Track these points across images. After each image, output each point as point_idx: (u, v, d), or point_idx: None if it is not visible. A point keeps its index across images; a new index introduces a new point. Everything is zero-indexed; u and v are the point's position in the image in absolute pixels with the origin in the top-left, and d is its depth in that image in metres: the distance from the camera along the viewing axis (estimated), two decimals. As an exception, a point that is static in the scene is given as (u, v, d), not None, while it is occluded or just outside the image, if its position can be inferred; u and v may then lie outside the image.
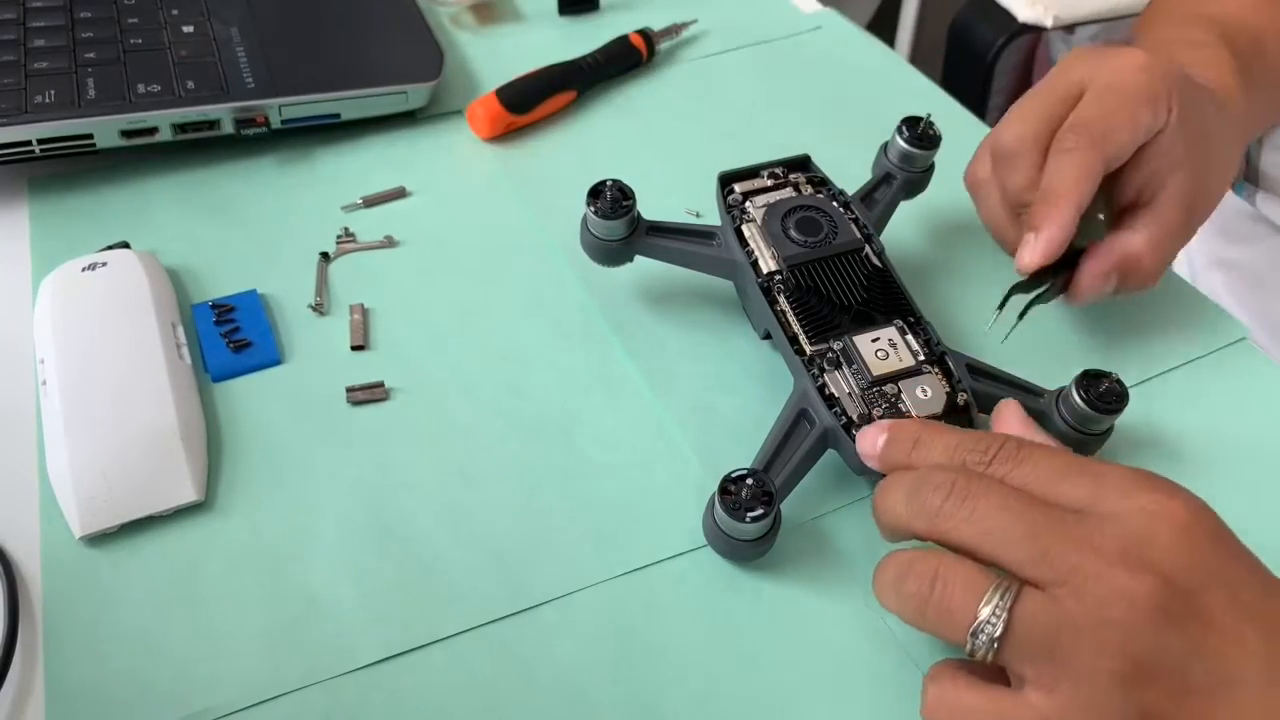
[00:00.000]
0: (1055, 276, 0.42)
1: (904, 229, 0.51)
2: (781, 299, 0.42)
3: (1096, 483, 0.29)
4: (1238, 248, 0.72)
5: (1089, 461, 0.31)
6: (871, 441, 0.35)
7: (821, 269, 0.43)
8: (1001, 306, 0.40)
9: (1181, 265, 0.75)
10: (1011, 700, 0.28)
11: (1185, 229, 0.43)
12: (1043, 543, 0.28)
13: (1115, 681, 0.27)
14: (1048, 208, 0.39)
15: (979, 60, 0.90)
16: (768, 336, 0.45)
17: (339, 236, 0.50)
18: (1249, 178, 0.70)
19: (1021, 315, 0.40)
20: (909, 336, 0.41)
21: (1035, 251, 0.40)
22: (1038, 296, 0.41)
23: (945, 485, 0.30)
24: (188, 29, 0.56)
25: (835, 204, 0.45)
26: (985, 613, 0.28)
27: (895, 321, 0.42)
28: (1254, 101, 0.49)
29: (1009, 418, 0.37)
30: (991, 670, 0.29)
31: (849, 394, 0.39)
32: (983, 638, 0.28)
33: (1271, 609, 0.28)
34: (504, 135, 0.56)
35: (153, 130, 0.51)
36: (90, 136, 0.50)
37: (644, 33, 0.61)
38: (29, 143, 0.49)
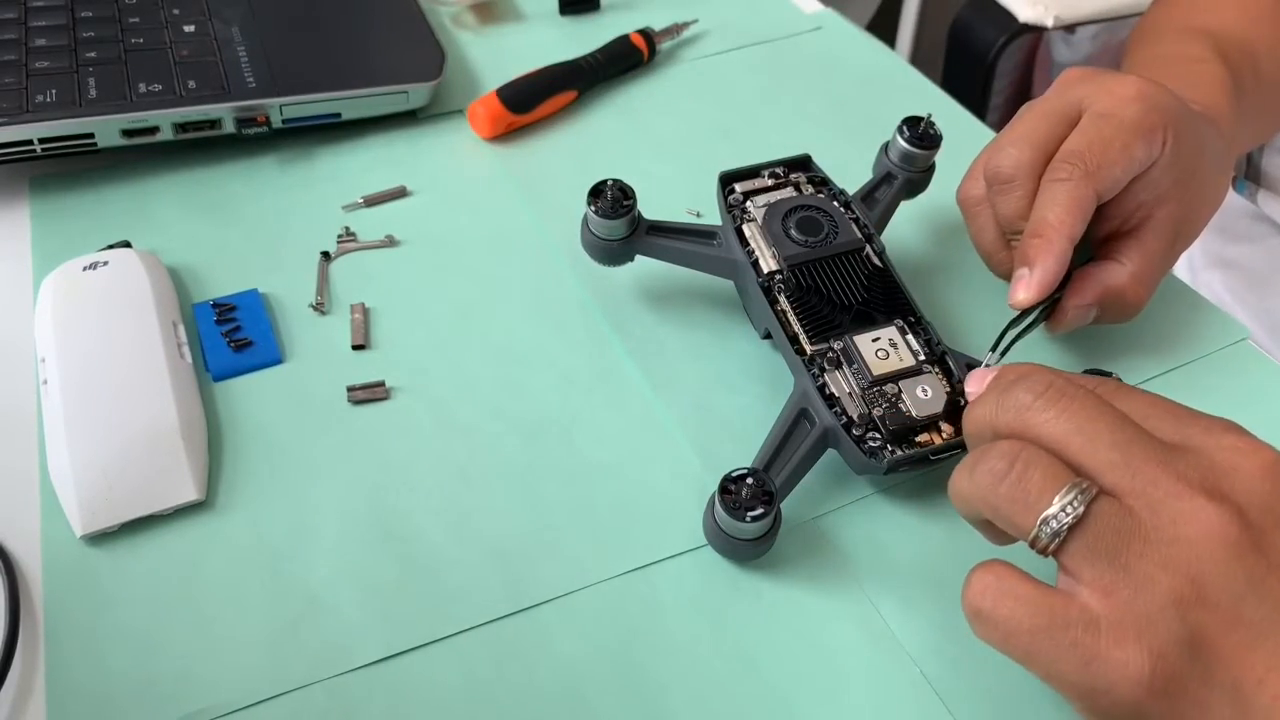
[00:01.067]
0: (1043, 305, 0.41)
1: (904, 229, 0.51)
2: (782, 299, 0.42)
3: (1187, 421, 0.30)
4: (1238, 247, 0.72)
5: (1181, 405, 0.31)
6: (980, 380, 0.35)
7: (822, 269, 0.43)
8: (996, 346, 0.39)
9: (1181, 265, 0.75)
10: (1063, 598, 0.28)
11: (1169, 260, 0.43)
12: (1129, 452, 0.28)
13: (1172, 598, 0.27)
14: (1041, 242, 0.39)
15: (979, 60, 0.90)
16: (768, 336, 0.45)
17: (340, 236, 0.50)
18: (1250, 176, 0.70)
19: (1005, 350, 0.39)
20: (909, 336, 0.41)
21: (1031, 288, 0.39)
22: (1024, 330, 0.40)
23: (1041, 385, 0.30)
24: (189, 28, 0.56)
25: (836, 204, 0.45)
26: (1058, 504, 0.28)
27: (895, 321, 0.42)
28: (1244, 121, 0.48)
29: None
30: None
31: (849, 394, 0.39)
32: (1051, 526, 0.28)
33: None
34: (505, 135, 0.56)
35: (154, 130, 0.51)
36: (91, 136, 0.50)
37: (644, 33, 0.61)
38: (30, 142, 0.49)
